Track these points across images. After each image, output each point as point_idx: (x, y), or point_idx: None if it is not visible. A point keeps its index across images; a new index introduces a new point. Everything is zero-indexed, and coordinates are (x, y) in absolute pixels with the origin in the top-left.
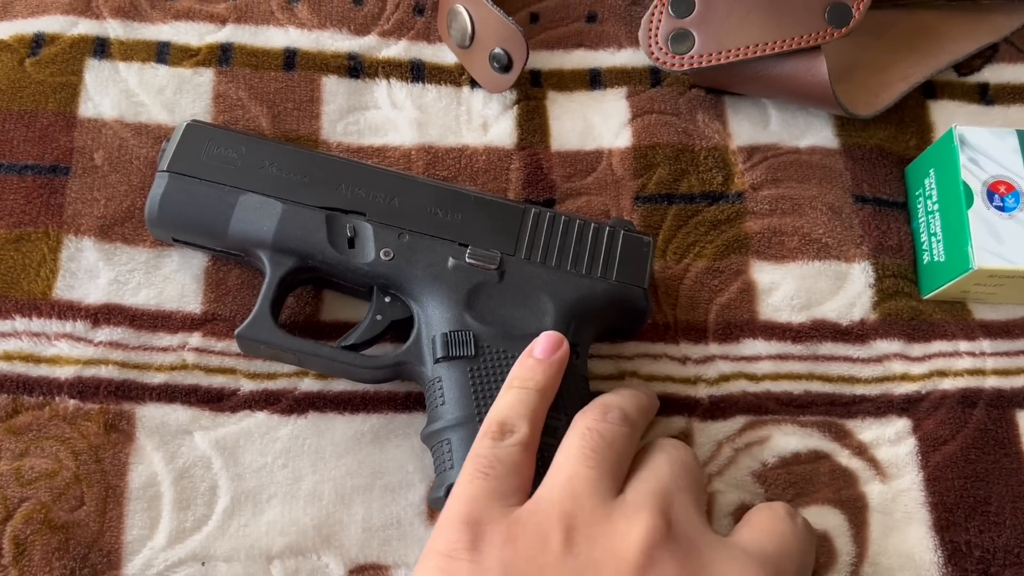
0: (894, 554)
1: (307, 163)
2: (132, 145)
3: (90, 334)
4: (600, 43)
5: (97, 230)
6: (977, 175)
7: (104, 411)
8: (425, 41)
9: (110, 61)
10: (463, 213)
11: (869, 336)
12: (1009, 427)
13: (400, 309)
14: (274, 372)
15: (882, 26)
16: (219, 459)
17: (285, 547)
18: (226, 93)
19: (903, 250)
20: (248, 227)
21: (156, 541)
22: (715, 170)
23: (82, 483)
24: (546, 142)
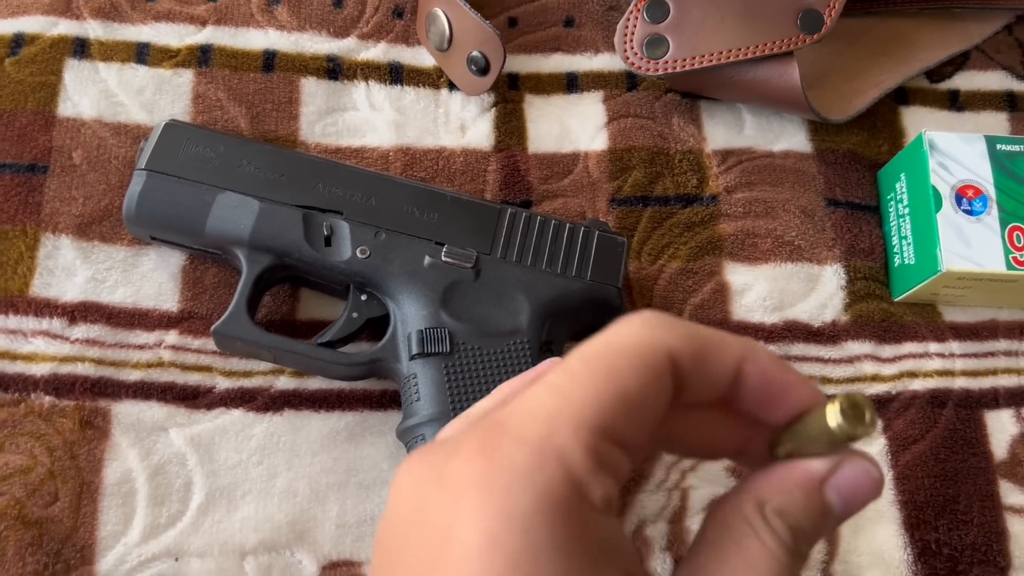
0: (864, 552)
1: (284, 162)
2: (111, 145)
3: (67, 331)
4: (577, 47)
5: (75, 228)
6: (946, 179)
7: (80, 408)
8: (404, 44)
9: (90, 61)
10: (440, 212)
11: (840, 337)
12: (977, 427)
13: (376, 307)
14: (250, 370)
15: (855, 33)
16: (194, 456)
17: (259, 543)
18: (205, 94)
19: (875, 253)
20: (225, 225)
21: (130, 537)
22: (690, 173)
23: (57, 479)
24: (523, 144)
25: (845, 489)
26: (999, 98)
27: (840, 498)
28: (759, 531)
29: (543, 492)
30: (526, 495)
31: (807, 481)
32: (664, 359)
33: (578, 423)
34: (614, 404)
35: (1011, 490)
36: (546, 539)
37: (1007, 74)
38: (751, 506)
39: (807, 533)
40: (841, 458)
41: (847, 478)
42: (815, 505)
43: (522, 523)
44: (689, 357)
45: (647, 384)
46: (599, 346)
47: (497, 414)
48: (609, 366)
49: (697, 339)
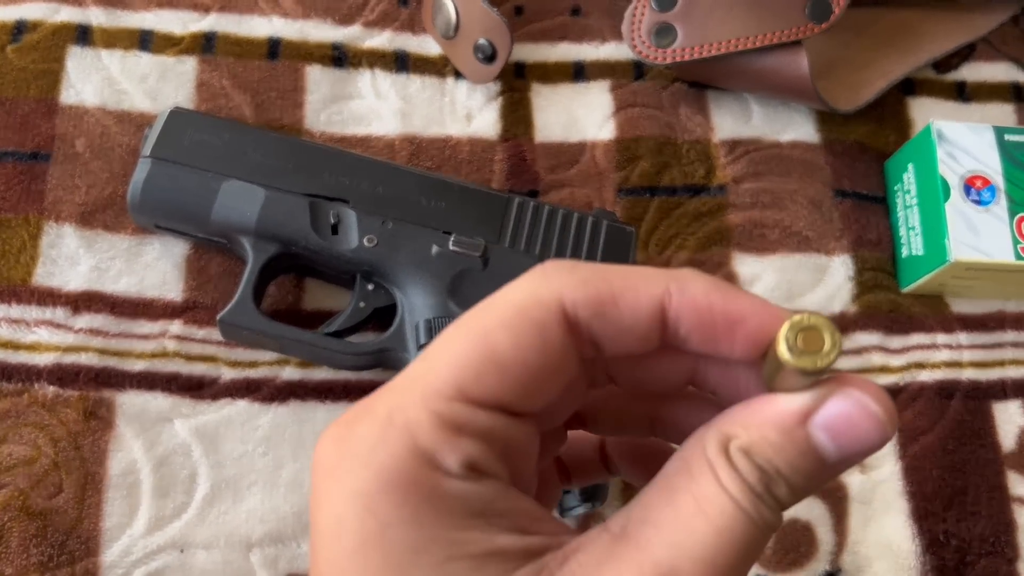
0: (873, 543)
1: (290, 150)
2: (114, 133)
3: (70, 321)
4: (584, 36)
5: (78, 217)
6: (954, 169)
7: (84, 398)
8: (409, 32)
9: (92, 48)
10: (447, 201)
11: (849, 328)
12: (985, 418)
13: (383, 297)
14: (255, 360)
15: (863, 23)
16: (199, 447)
17: (265, 535)
18: (209, 82)
19: (882, 244)
20: (231, 213)
21: (135, 528)
22: (697, 163)
23: (61, 470)
24: (530, 134)
25: (835, 427)
26: (1006, 89)
27: (831, 439)
28: (718, 469)
29: (386, 467)
30: (369, 472)
31: (783, 417)
32: (550, 310)
33: (429, 390)
34: (477, 365)
35: (1019, 481)
36: (393, 514)
37: (1014, 66)
38: (715, 441)
39: (788, 478)
40: (829, 389)
41: (836, 414)
42: (797, 446)
43: (365, 501)
44: (589, 304)
45: (522, 339)
46: (478, 306)
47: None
48: (478, 325)
49: (597, 283)
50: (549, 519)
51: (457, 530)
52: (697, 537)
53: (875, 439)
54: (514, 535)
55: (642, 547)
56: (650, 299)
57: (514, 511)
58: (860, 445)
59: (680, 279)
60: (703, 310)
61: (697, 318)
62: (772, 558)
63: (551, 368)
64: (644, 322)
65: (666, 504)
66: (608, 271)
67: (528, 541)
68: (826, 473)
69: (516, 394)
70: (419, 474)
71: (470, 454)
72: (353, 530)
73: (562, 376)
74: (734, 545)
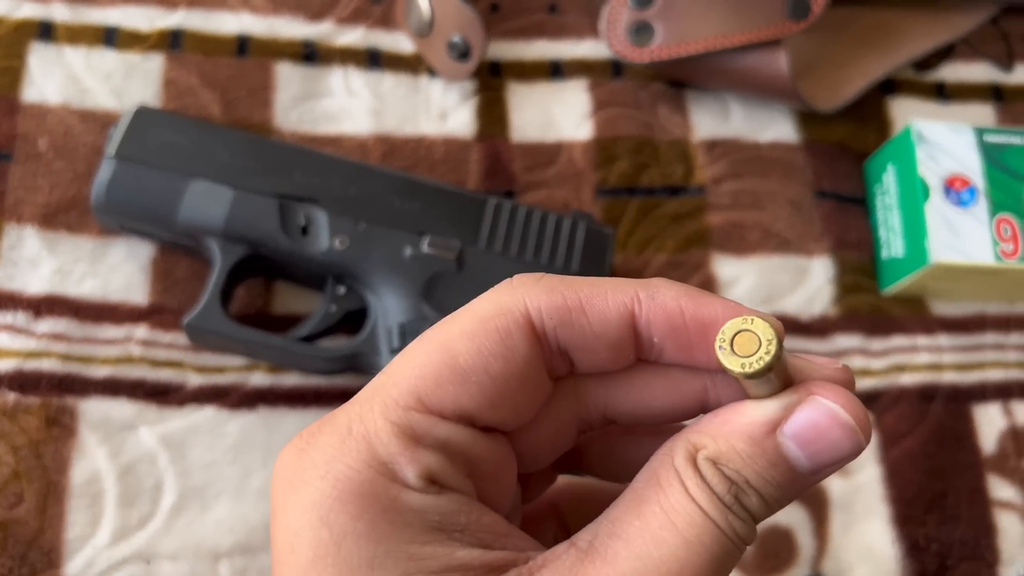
0: (854, 548)
1: (259, 149)
2: (78, 132)
3: (32, 325)
4: (561, 34)
5: (40, 218)
6: (934, 170)
7: (45, 405)
8: (383, 28)
9: (55, 45)
10: (421, 202)
11: (830, 331)
12: (965, 421)
13: (355, 300)
14: (223, 366)
15: (843, 23)
16: (165, 455)
17: (234, 545)
18: (176, 79)
19: (863, 245)
20: (198, 214)
21: (99, 539)
22: (676, 163)
23: (22, 479)
24: (506, 133)
25: (805, 437)
26: (985, 90)
27: (801, 448)
28: (686, 479)
29: (343, 478)
30: (325, 483)
31: (752, 427)
32: (513, 318)
33: (389, 400)
34: (437, 374)
35: (999, 484)
36: (349, 526)
37: (992, 66)
38: (683, 451)
39: (758, 489)
40: (799, 397)
41: (805, 423)
42: (766, 456)
43: (320, 513)
44: (556, 311)
45: (484, 347)
46: (444, 319)
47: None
48: (440, 336)
49: (564, 291)
50: (516, 535)
51: (415, 544)
52: (665, 549)
53: (847, 449)
54: (476, 550)
55: (609, 561)
56: (618, 306)
57: (477, 525)
58: (831, 455)
59: (649, 286)
60: (674, 316)
61: (669, 325)
62: (752, 563)
63: (516, 377)
64: (613, 330)
65: (634, 516)
66: (576, 280)
67: (491, 556)
68: (800, 483)
69: (479, 404)
70: (377, 486)
71: (429, 466)
72: (308, 543)
73: (529, 387)
74: (704, 557)
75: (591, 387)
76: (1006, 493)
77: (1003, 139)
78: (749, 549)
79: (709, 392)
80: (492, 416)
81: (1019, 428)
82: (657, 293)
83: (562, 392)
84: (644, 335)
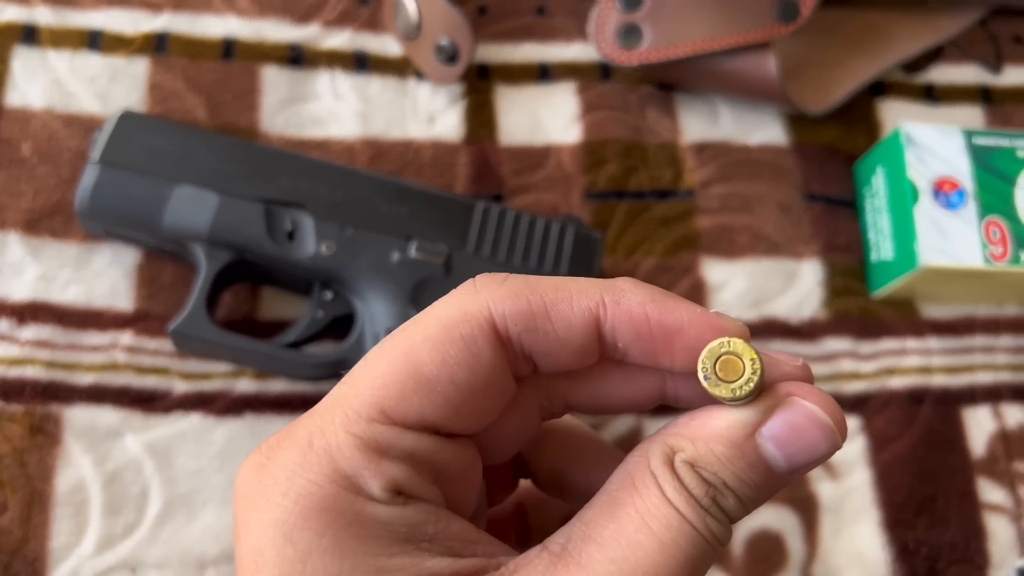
0: (844, 553)
1: (245, 154)
2: (62, 136)
3: (15, 332)
4: (550, 37)
5: (24, 224)
6: (923, 173)
7: (29, 413)
8: (370, 31)
9: (39, 49)
10: (409, 206)
11: (819, 334)
12: (955, 424)
13: (342, 305)
14: (209, 372)
15: (832, 25)
16: (151, 463)
17: (220, 553)
18: (161, 83)
19: (852, 248)
20: (183, 219)
21: (84, 548)
22: (665, 167)
23: (5, 488)
24: (494, 136)
25: (784, 439)
26: (974, 92)
27: (779, 449)
28: (663, 483)
29: (305, 493)
30: (288, 500)
31: (731, 430)
32: (478, 325)
33: (350, 412)
34: (400, 384)
35: (989, 488)
36: (313, 543)
37: (981, 68)
38: (659, 454)
39: (736, 490)
40: (776, 400)
41: (785, 425)
42: (745, 458)
43: (284, 531)
44: (521, 317)
45: (449, 356)
46: (405, 324)
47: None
48: (403, 343)
49: (529, 295)
50: (485, 540)
51: (383, 557)
52: (641, 553)
53: (825, 449)
54: (446, 559)
55: (584, 565)
56: (583, 311)
57: (445, 534)
58: (809, 455)
59: (615, 290)
60: (639, 322)
61: (634, 330)
62: (742, 568)
63: (482, 385)
64: (578, 336)
65: (609, 520)
66: (540, 283)
67: (461, 564)
68: (776, 483)
69: (445, 414)
70: (340, 500)
71: (394, 477)
72: (272, 561)
73: (495, 393)
74: (680, 560)
75: (553, 382)
76: (996, 496)
77: (992, 141)
78: (739, 554)
79: (668, 385)
80: (459, 424)
81: (1009, 431)
82: (623, 298)
83: (525, 388)
84: (609, 340)
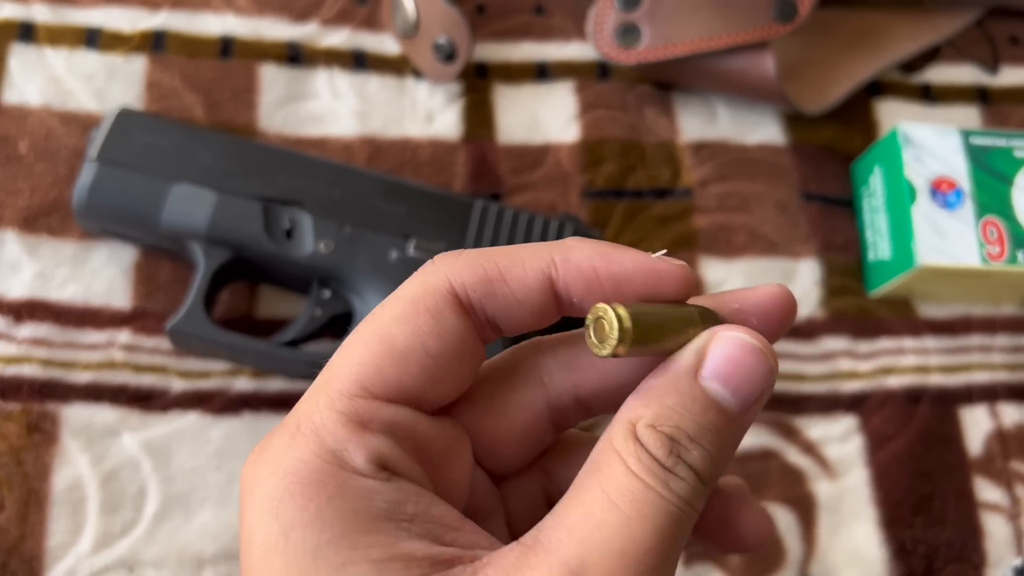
0: (841, 551)
1: (243, 152)
2: (59, 134)
3: (12, 331)
4: (548, 36)
5: (21, 222)
6: (921, 173)
7: (26, 411)
8: (368, 30)
9: (36, 46)
10: (407, 205)
11: (817, 333)
12: (952, 424)
13: (340, 304)
14: (207, 371)
15: (829, 25)
16: (149, 461)
17: (218, 552)
18: (159, 81)
19: (850, 248)
20: (181, 218)
21: (81, 547)
22: (663, 166)
23: (2, 487)
24: (492, 135)
25: (724, 372)
26: (971, 92)
27: (724, 385)
28: (626, 456)
29: (291, 470)
30: (276, 478)
31: (675, 379)
32: (441, 295)
33: (333, 392)
34: (377, 360)
35: (985, 487)
36: (296, 517)
37: (978, 68)
38: (621, 431)
39: (697, 439)
40: (706, 338)
41: (720, 357)
42: (696, 402)
43: (270, 508)
44: (479, 283)
45: (418, 328)
46: (374, 309)
47: None
48: (374, 324)
49: (484, 263)
50: (468, 529)
51: (360, 532)
52: (607, 530)
53: (763, 373)
54: (423, 542)
55: (553, 551)
56: (536, 272)
57: (426, 516)
58: (752, 384)
59: (563, 248)
60: (588, 275)
61: (584, 284)
62: (740, 567)
63: (453, 351)
64: (535, 296)
65: (577, 505)
66: (494, 252)
67: (438, 550)
68: (734, 428)
69: (422, 383)
70: (325, 473)
71: (377, 449)
72: (260, 537)
73: (466, 359)
74: (649, 531)
75: (554, 371)
76: (993, 495)
77: (989, 141)
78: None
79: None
80: (435, 393)
81: (1005, 430)
82: (571, 255)
83: (526, 380)
84: (564, 296)
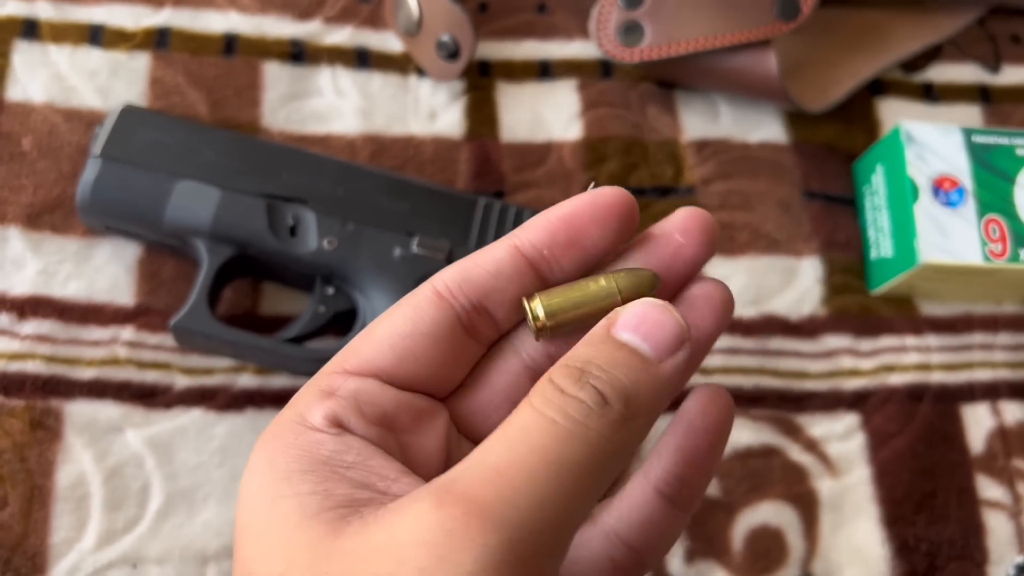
0: (843, 549)
1: (247, 149)
2: (63, 131)
3: (16, 327)
4: (550, 34)
5: (24, 218)
6: (923, 171)
7: (30, 407)
8: (371, 28)
9: (40, 43)
10: (410, 202)
11: (819, 331)
12: (954, 421)
13: (343, 301)
14: (210, 367)
15: (832, 24)
16: (152, 457)
17: (221, 548)
18: (163, 78)
19: (852, 246)
20: (185, 214)
21: (84, 543)
22: (666, 164)
23: (6, 483)
24: (495, 133)
25: (633, 323)
26: (972, 90)
27: (635, 332)
28: (533, 395)
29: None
30: (258, 443)
31: (590, 336)
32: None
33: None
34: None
35: (987, 484)
36: (259, 464)
37: (979, 67)
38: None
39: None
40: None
41: (628, 315)
42: (609, 342)
43: (250, 467)
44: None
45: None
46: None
47: None
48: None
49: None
50: (407, 482)
51: (299, 473)
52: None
53: (671, 323)
54: (354, 488)
55: (440, 482)
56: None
57: (365, 466)
58: (662, 331)
59: (522, 227)
60: (546, 226)
61: (547, 233)
62: (742, 564)
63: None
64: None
65: (478, 449)
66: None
67: (363, 493)
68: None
69: (388, 359)
70: (287, 430)
71: (334, 409)
72: (243, 489)
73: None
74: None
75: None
76: (995, 493)
77: (991, 140)
78: (739, 549)
79: None
80: (403, 369)
81: (1007, 428)
82: (529, 223)
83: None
84: (533, 253)
